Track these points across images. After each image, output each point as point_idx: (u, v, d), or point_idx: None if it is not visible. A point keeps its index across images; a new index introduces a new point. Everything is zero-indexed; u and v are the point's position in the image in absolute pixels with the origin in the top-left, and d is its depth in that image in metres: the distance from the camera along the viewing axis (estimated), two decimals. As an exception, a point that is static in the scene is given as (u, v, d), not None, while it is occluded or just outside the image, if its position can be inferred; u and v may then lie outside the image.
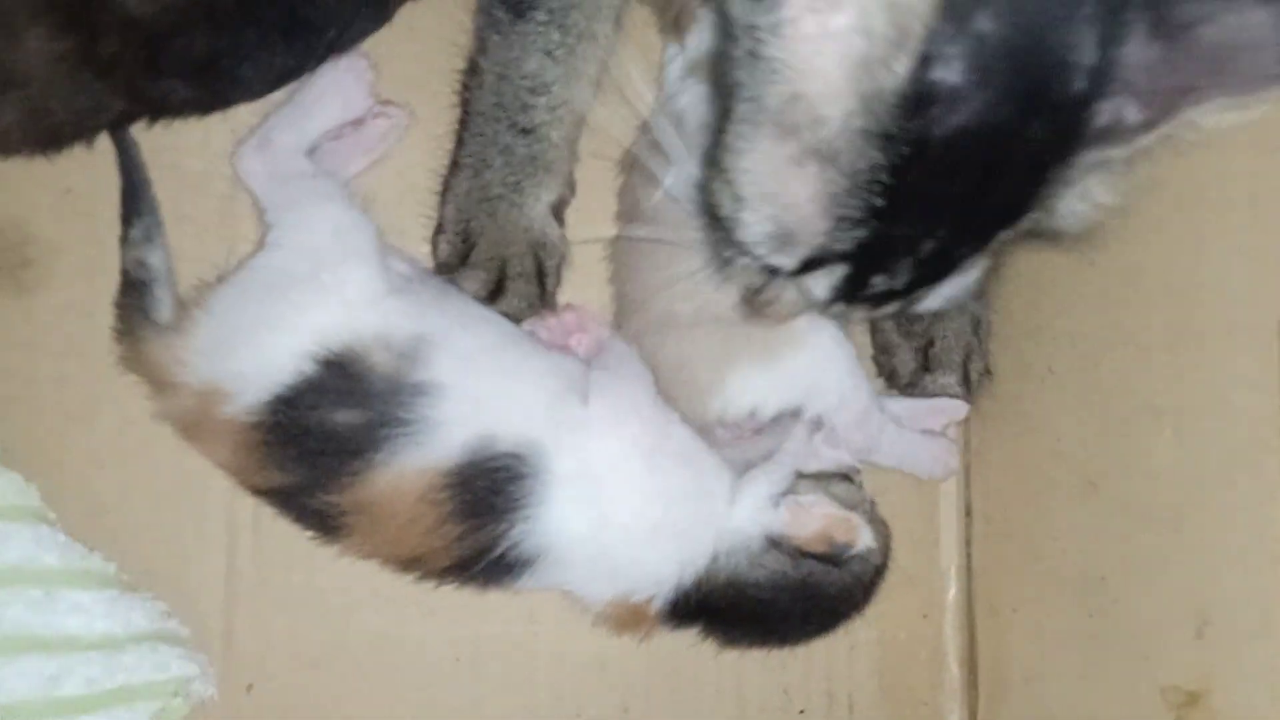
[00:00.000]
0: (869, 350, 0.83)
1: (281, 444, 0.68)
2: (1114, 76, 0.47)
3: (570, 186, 0.74)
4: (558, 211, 0.74)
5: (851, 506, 0.72)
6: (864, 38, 0.47)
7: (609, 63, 0.73)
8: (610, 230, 0.77)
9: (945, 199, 0.50)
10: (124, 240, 0.72)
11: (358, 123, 0.76)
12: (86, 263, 0.73)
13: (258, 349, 0.68)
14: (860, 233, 0.51)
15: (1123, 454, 0.70)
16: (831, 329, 0.73)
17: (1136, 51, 0.47)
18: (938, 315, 0.79)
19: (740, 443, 0.74)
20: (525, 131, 0.72)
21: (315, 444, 0.67)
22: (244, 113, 0.73)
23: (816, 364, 0.73)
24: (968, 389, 0.81)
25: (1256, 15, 0.46)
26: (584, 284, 0.76)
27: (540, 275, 0.74)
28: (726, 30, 0.54)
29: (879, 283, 0.56)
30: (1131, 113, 0.48)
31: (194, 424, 0.69)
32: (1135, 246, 0.66)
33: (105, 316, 0.71)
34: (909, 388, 0.81)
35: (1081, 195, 0.55)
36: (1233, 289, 0.63)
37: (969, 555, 0.85)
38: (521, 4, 0.70)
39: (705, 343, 0.71)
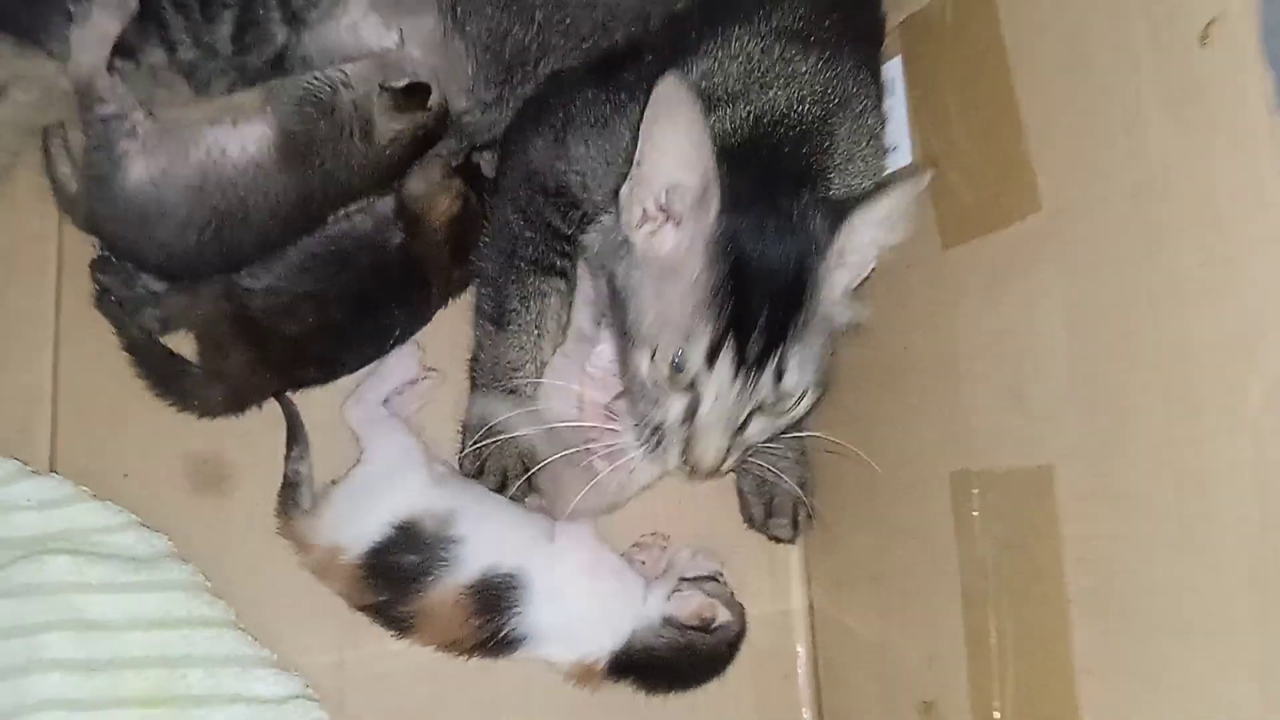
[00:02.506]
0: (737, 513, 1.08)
1: (374, 577, 0.94)
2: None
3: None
4: (536, 432, 0.98)
5: (715, 596, 0.97)
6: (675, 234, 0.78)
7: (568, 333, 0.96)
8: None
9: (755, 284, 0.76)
10: (287, 457, 1.01)
11: (413, 382, 1.04)
12: (257, 475, 1.04)
13: (360, 523, 0.95)
14: (723, 308, 0.75)
15: (891, 560, 0.97)
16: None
17: None
18: (777, 480, 1.00)
19: (648, 563, 1.04)
20: (511, 392, 0.94)
21: (394, 576, 0.94)
22: (345, 381, 1.04)
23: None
24: (796, 527, 1.05)
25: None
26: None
27: (526, 473, 0.95)
28: (615, 250, 0.81)
29: (754, 347, 0.76)
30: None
31: (323, 568, 0.97)
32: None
33: (267, 506, 1.01)
34: (761, 527, 1.05)
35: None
36: (923, 449, 0.89)
37: (813, 631, 1.10)
38: (502, 320, 0.93)
39: None
